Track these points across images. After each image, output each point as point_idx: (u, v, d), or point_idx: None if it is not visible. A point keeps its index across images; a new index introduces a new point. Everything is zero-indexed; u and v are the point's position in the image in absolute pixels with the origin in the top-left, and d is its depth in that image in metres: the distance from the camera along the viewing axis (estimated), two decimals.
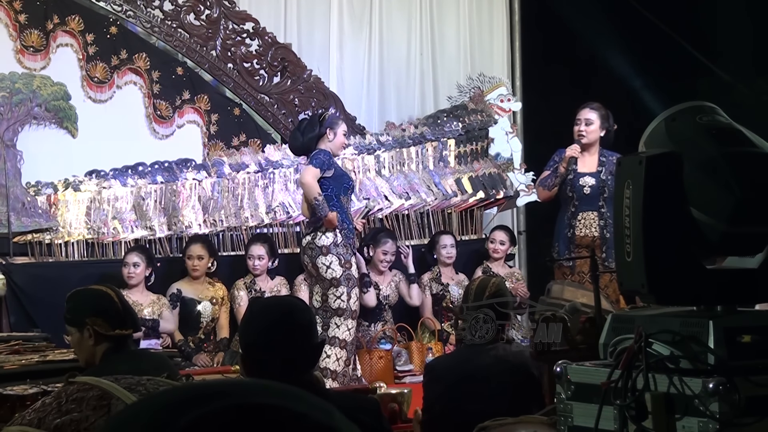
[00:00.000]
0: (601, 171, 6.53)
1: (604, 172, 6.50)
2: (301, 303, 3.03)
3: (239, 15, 7.99)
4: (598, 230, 6.46)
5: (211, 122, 7.87)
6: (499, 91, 8.58)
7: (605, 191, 6.44)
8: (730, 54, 9.01)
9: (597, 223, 6.48)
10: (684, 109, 2.62)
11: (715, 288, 2.52)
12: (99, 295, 3.75)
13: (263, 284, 7.13)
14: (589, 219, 6.52)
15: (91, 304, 3.73)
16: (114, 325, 3.68)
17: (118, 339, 3.68)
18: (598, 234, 6.45)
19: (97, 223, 7.16)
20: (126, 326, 3.71)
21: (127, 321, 3.72)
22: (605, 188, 6.45)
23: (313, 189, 6.28)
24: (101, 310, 3.69)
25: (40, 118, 7.24)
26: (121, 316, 3.70)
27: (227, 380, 1.08)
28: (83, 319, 3.68)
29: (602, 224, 6.45)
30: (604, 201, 6.45)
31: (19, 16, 7.28)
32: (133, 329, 3.77)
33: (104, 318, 3.69)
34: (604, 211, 6.44)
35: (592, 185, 6.53)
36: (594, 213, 6.49)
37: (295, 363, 2.70)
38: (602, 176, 6.50)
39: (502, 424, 3.10)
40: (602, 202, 6.47)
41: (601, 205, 6.47)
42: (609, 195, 6.36)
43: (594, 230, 6.48)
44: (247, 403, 0.95)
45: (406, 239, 8.00)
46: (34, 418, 1.88)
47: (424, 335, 7.32)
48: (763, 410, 2.29)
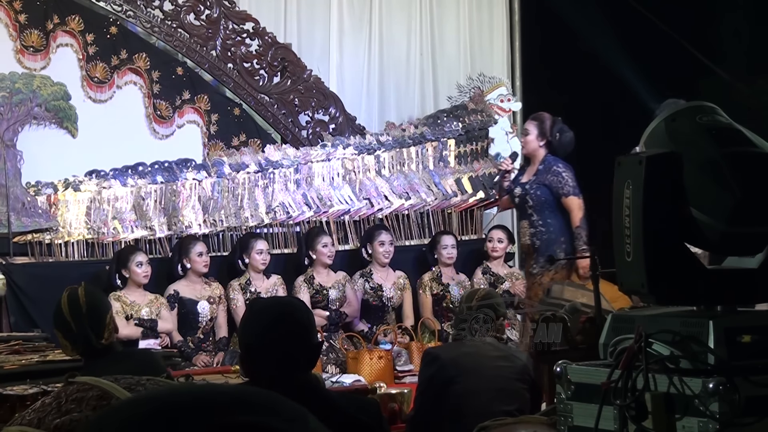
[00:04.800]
0: (533, 180, 6.54)
1: (532, 182, 6.52)
2: (300, 303, 3.03)
3: (239, 15, 7.99)
4: (529, 239, 6.49)
5: (211, 122, 7.87)
6: (499, 91, 8.59)
7: (528, 200, 6.48)
8: (730, 54, 9.00)
9: (528, 231, 6.51)
10: (684, 109, 2.62)
11: (715, 288, 2.52)
12: (57, 312, 3.67)
13: (259, 284, 7.13)
14: (523, 228, 6.60)
15: (54, 319, 3.70)
16: (73, 344, 3.63)
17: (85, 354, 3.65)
18: (529, 242, 6.48)
19: (97, 223, 7.16)
20: (78, 346, 3.62)
21: (79, 341, 3.62)
22: (527, 197, 6.49)
23: None
24: (58, 326, 3.66)
25: (40, 118, 7.24)
26: (74, 335, 3.61)
27: (200, 391, 1.05)
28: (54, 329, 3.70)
29: (532, 232, 6.48)
30: (533, 210, 6.48)
31: (19, 16, 7.27)
32: (96, 344, 3.62)
33: (62, 335, 3.66)
34: (535, 219, 6.47)
35: (519, 195, 6.58)
36: (526, 221, 6.55)
37: (294, 363, 2.70)
38: (527, 186, 6.53)
39: (502, 424, 3.10)
40: (531, 211, 6.50)
41: (531, 213, 6.50)
42: (533, 204, 6.45)
43: (526, 239, 6.52)
44: (221, 423, 0.93)
45: (406, 239, 8.01)
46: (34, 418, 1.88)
47: (424, 335, 7.32)
48: (763, 410, 2.29)
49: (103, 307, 3.75)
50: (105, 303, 3.87)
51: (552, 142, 6.57)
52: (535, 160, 6.62)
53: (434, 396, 3.94)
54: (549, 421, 2.96)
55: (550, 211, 6.46)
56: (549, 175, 6.47)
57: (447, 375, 3.93)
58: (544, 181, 6.47)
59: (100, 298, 3.85)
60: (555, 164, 6.51)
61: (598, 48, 8.79)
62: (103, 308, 3.73)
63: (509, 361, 3.99)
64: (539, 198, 6.47)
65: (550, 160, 6.55)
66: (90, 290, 3.74)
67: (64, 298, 3.67)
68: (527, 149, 6.65)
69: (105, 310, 3.72)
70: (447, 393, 3.92)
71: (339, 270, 7.45)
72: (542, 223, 6.45)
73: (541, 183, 6.47)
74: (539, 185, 6.48)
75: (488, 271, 7.78)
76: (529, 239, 6.51)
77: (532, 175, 6.59)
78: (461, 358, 4.00)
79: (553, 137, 6.56)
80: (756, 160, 2.49)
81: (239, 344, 2.91)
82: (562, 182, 6.44)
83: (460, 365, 3.96)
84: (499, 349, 4.06)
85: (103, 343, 3.61)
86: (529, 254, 6.51)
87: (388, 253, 7.48)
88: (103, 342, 3.60)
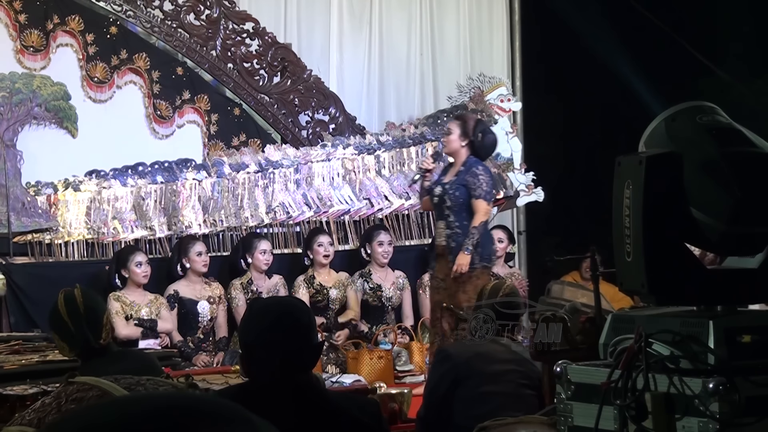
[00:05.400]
0: (453, 180, 6.43)
1: (452, 182, 6.41)
2: (300, 303, 3.03)
3: (239, 15, 7.99)
4: (445, 240, 6.37)
5: (211, 122, 7.87)
6: (499, 91, 8.58)
7: (446, 200, 6.37)
8: (730, 54, 9.01)
9: (444, 231, 6.39)
10: (684, 109, 2.61)
11: (715, 288, 2.52)
12: (54, 314, 3.66)
13: (261, 283, 7.14)
14: (440, 228, 6.46)
15: (50, 321, 3.70)
16: (70, 345, 3.63)
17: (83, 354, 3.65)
18: (445, 243, 6.37)
19: (97, 223, 7.16)
20: (76, 347, 3.61)
21: (77, 342, 3.61)
22: (445, 197, 6.38)
23: None
24: (55, 328, 3.65)
25: (40, 118, 7.24)
26: (72, 336, 3.61)
27: (159, 403, 1.06)
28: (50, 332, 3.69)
29: (448, 233, 6.36)
30: (450, 211, 6.37)
31: (19, 16, 7.28)
32: (95, 344, 3.62)
33: (59, 337, 3.66)
34: (452, 221, 6.36)
35: (438, 195, 6.45)
36: (443, 222, 6.42)
37: (294, 363, 2.70)
38: (446, 186, 6.42)
39: (502, 424, 3.10)
40: (448, 212, 6.38)
41: (448, 214, 6.38)
42: (451, 204, 6.34)
43: (442, 240, 6.40)
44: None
45: (406, 239, 8.01)
46: (34, 418, 1.88)
47: (424, 335, 7.32)
48: (763, 410, 2.29)
49: (100, 307, 3.76)
50: (101, 303, 3.88)
51: (474, 142, 6.43)
52: (458, 161, 6.48)
53: (444, 395, 3.94)
54: (549, 421, 2.96)
55: (467, 212, 6.32)
56: (468, 176, 6.34)
57: (457, 375, 3.93)
58: (463, 182, 6.35)
59: (97, 299, 3.86)
60: (475, 166, 6.38)
61: (598, 48, 8.80)
62: (100, 309, 3.74)
63: (521, 366, 3.98)
64: (457, 199, 6.34)
65: (471, 162, 6.41)
66: (86, 291, 3.74)
67: (60, 299, 3.66)
68: (449, 148, 6.52)
69: (102, 311, 3.73)
70: (456, 393, 3.92)
71: (340, 270, 7.46)
72: (458, 225, 6.32)
73: (460, 184, 6.35)
74: (459, 186, 6.35)
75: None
76: (444, 240, 6.37)
77: (453, 175, 6.45)
78: (473, 359, 3.99)
79: (475, 137, 6.42)
80: (756, 160, 2.49)
81: (240, 344, 2.90)
82: (477, 184, 6.30)
83: (471, 366, 3.95)
84: (513, 353, 4.04)
85: (101, 344, 3.61)
86: (443, 255, 6.37)
87: (386, 253, 7.48)
88: (101, 342, 3.61)
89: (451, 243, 6.33)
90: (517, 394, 3.92)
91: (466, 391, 3.91)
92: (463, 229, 6.31)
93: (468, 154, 6.45)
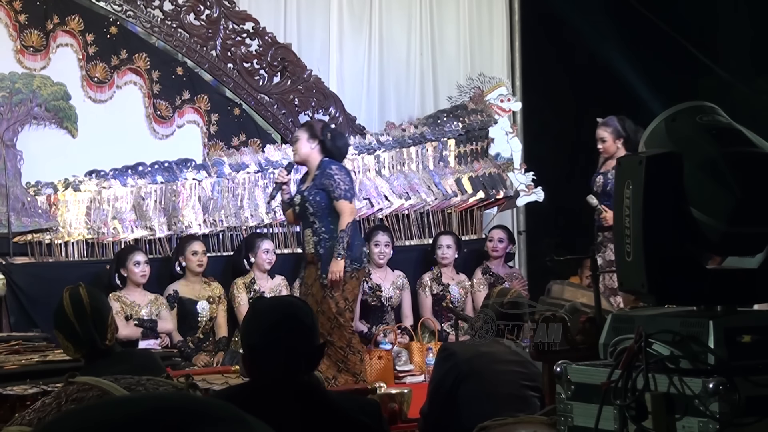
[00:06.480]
0: (311, 186, 6.28)
1: (310, 188, 6.26)
2: (303, 304, 3.02)
3: (239, 15, 7.99)
4: (313, 247, 6.23)
5: (211, 122, 7.87)
6: (499, 91, 8.58)
7: (308, 207, 6.22)
8: (730, 54, 9.01)
9: (312, 239, 6.25)
10: (684, 109, 2.62)
11: (715, 288, 2.52)
12: (60, 314, 3.62)
13: (263, 284, 7.13)
14: (307, 236, 6.31)
15: (55, 320, 3.66)
16: (76, 346, 3.63)
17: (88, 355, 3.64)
18: (313, 251, 6.23)
19: (97, 223, 7.16)
20: (82, 348, 3.59)
21: (83, 343, 3.59)
22: (306, 204, 6.23)
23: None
24: (61, 328, 3.63)
25: (40, 118, 7.24)
26: (78, 337, 3.58)
27: (149, 405, 1.06)
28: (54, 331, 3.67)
29: (316, 240, 6.22)
30: (314, 217, 6.22)
31: (19, 16, 7.27)
32: (102, 346, 3.60)
33: (65, 337, 3.64)
34: (317, 227, 6.22)
35: (299, 203, 6.30)
36: (309, 230, 6.28)
37: (296, 364, 2.70)
38: (305, 193, 6.27)
39: (502, 424, 3.11)
40: (312, 218, 6.23)
41: (313, 221, 6.23)
42: (313, 210, 6.19)
43: (310, 247, 6.25)
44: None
45: (406, 239, 8.01)
46: (34, 418, 1.88)
47: (424, 335, 7.32)
48: (763, 410, 2.29)
49: (105, 307, 3.75)
50: (106, 303, 3.86)
51: (325, 142, 6.29)
52: (312, 167, 6.32)
53: (447, 393, 3.94)
54: (549, 421, 2.96)
55: (332, 216, 6.18)
56: (323, 178, 6.19)
57: (460, 374, 3.94)
58: (321, 185, 6.20)
59: (102, 298, 3.84)
60: (329, 167, 6.23)
61: (598, 48, 8.80)
62: (105, 309, 3.72)
63: (524, 368, 3.98)
64: (318, 204, 6.19)
65: (325, 164, 6.25)
66: (91, 290, 3.71)
67: (66, 299, 3.62)
68: (299, 156, 6.34)
69: (107, 311, 3.71)
70: (458, 392, 3.92)
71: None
72: (324, 230, 6.19)
73: (318, 188, 6.20)
74: (317, 191, 6.20)
75: (488, 271, 7.79)
76: (313, 248, 6.23)
77: (310, 181, 6.30)
78: (476, 358, 3.99)
79: (324, 137, 6.29)
80: (756, 160, 2.49)
81: (241, 344, 2.90)
82: (334, 185, 6.15)
83: (474, 366, 3.96)
84: (516, 354, 4.05)
85: (107, 344, 3.60)
86: (312, 263, 6.25)
87: (382, 254, 7.46)
88: (106, 343, 3.60)
89: (319, 250, 6.19)
90: (518, 395, 3.92)
91: (468, 390, 3.92)
92: (330, 233, 6.17)
93: (321, 157, 6.29)
